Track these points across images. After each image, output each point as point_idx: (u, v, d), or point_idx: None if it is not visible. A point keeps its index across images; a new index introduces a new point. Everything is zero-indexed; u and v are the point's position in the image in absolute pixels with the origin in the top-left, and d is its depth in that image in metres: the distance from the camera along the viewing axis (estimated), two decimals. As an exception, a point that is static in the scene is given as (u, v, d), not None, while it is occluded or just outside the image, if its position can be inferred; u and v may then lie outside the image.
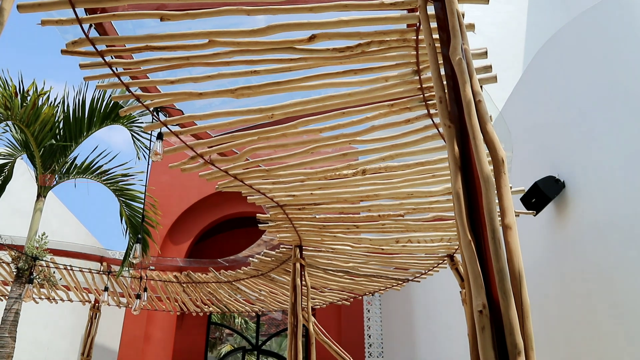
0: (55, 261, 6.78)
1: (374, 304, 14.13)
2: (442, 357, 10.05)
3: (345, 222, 4.67)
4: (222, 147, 3.74)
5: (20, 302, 5.59)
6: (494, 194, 1.84)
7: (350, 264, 5.66)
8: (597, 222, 5.22)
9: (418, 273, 6.10)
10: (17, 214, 9.30)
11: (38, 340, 10.53)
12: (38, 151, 5.74)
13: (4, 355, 5.34)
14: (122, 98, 3.62)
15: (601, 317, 5.01)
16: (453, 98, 2.22)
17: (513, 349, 1.65)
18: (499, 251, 1.73)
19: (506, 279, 1.70)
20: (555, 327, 5.68)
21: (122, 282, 7.72)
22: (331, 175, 3.95)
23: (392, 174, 3.97)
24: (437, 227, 4.84)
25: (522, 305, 1.71)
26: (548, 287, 5.85)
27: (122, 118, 5.86)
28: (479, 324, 1.71)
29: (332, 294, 7.07)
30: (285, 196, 4.25)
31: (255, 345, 14.91)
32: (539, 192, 5.93)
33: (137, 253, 4.53)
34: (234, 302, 7.94)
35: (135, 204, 6.23)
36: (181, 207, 11.82)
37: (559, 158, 6.04)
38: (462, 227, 1.85)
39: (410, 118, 3.52)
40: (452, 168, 1.99)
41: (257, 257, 5.75)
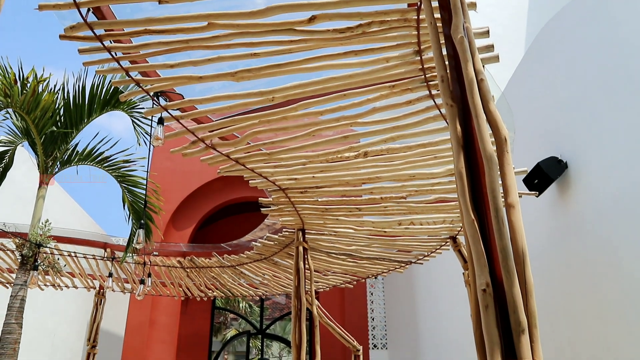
0: (59, 248, 6.81)
1: (377, 287, 14.21)
2: (445, 338, 10.12)
3: (347, 205, 4.67)
4: (223, 131, 3.73)
5: (26, 289, 5.63)
6: (497, 173, 1.83)
7: (353, 247, 5.68)
8: (599, 202, 5.21)
9: (421, 255, 6.12)
10: (20, 203, 9.33)
11: (44, 326, 10.63)
12: (39, 138, 5.73)
13: (11, 341, 5.39)
14: (122, 83, 3.60)
15: (605, 296, 5.03)
16: (455, 77, 2.20)
17: (517, 326, 1.65)
18: (502, 230, 1.73)
19: (509, 257, 1.70)
20: (558, 307, 5.70)
21: (126, 268, 7.76)
22: (333, 158, 3.94)
23: (394, 156, 3.95)
24: (440, 209, 4.83)
25: (525, 283, 1.72)
26: (551, 267, 5.86)
27: (122, 104, 5.84)
28: (482, 303, 1.71)
29: (335, 277, 7.10)
30: (287, 180, 4.24)
31: (259, 329, 15.03)
32: (541, 173, 5.92)
33: (140, 238, 4.54)
34: (237, 287, 7.98)
35: (138, 190, 6.24)
36: (183, 193, 11.84)
37: (562, 139, 6.02)
38: (465, 206, 1.85)
39: (411, 99, 3.50)
40: (455, 147, 1.98)
41: (260, 241, 5.76)
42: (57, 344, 11.24)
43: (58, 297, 10.70)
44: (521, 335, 1.64)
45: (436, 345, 10.74)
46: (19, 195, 9.48)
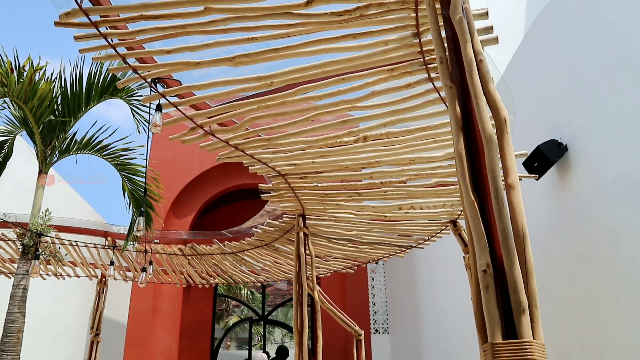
0: (60, 237, 6.82)
1: (378, 272, 14.27)
2: (446, 322, 10.18)
3: (347, 190, 4.67)
4: (222, 117, 3.72)
5: (28, 278, 5.65)
6: (497, 154, 1.82)
7: (354, 232, 5.68)
8: (599, 185, 5.21)
9: (421, 239, 6.13)
10: (20, 193, 9.34)
11: (47, 316, 10.70)
12: (37, 127, 5.71)
13: (15, 330, 5.42)
14: (119, 70, 3.57)
15: (604, 278, 5.04)
16: (454, 59, 2.18)
17: (517, 307, 1.66)
18: (502, 210, 1.72)
19: (510, 238, 1.70)
20: (557, 289, 5.73)
21: (128, 256, 7.78)
22: (332, 142, 3.93)
23: (394, 140, 3.94)
24: (440, 193, 4.83)
25: (526, 264, 1.72)
26: (551, 250, 5.88)
27: (120, 92, 5.81)
28: (483, 283, 1.72)
29: (336, 262, 7.12)
30: (286, 165, 4.23)
31: (261, 316, 15.12)
32: (541, 156, 5.91)
33: (141, 226, 4.54)
34: (239, 273, 8.01)
35: (137, 178, 6.24)
36: (183, 181, 11.85)
37: (562, 121, 6.00)
38: (464, 188, 1.84)
39: (410, 82, 3.48)
40: (454, 129, 1.97)
41: (261, 227, 5.76)
42: (60, 332, 11.32)
43: (61, 287, 10.75)
44: (522, 315, 1.65)
45: (437, 328, 10.82)
46: (18, 185, 9.48)
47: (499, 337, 1.66)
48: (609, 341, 4.92)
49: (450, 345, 9.93)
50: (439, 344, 10.67)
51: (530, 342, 1.63)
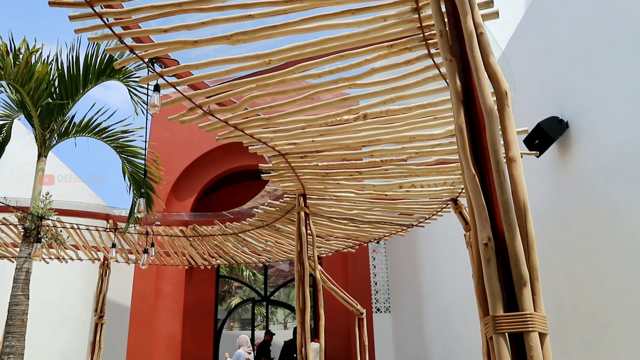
0: (61, 220, 6.83)
1: (379, 252, 14.32)
2: (447, 300, 10.25)
3: (348, 169, 4.65)
4: (220, 96, 3.69)
5: (30, 261, 5.67)
6: (498, 127, 1.81)
7: (355, 211, 5.68)
8: (600, 161, 5.20)
9: (422, 218, 6.13)
10: (20, 178, 9.34)
11: (52, 299, 10.78)
12: (35, 110, 5.68)
13: (19, 312, 5.46)
14: (116, 50, 3.54)
15: (605, 254, 5.05)
16: (454, 32, 2.15)
17: (519, 279, 1.66)
18: (503, 184, 1.71)
19: (511, 211, 1.69)
20: (558, 265, 5.75)
21: (129, 238, 7.81)
22: (332, 121, 3.90)
23: (394, 118, 3.92)
24: (440, 171, 4.81)
25: (527, 237, 1.71)
26: (551, 227, 5.88)
27: (118, 73, 5.76)
28: (484, 257, 1.72)
29: (337, 242, 7.14)
30: (286, 144, 4.21)
31: (264, 297, 15.23)
32: (542, 133, 5.88)
33: (142, 207, 4.54)
34: (240, 254, 8.04)
35: (137, 161, 6.22)
36: (183, 164, 11.83)
37: (563, 98, 5.96)
38: (465, 161, 1.83)
39: (410, 59, 3.44)
40: (455, 102, 1.95)
41: (262, 207, 5.77)
42: (65, 315, 11.42)
43: (64, 271, 10.82)
44: (523, 288, 1.65)
45: (438, 307, 10.90)
46: (18, 170, 9.48)
47: (501, 309, 1.66)
48: (608, 315, 4.96)
49: (452, 323, 10.02)
50: (440, 322, 10.76)
51: (531, 315, 1.63)
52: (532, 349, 1.59)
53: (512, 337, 1.67)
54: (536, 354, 1.58)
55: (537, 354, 1.58)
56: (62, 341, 11.29)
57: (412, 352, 12.78)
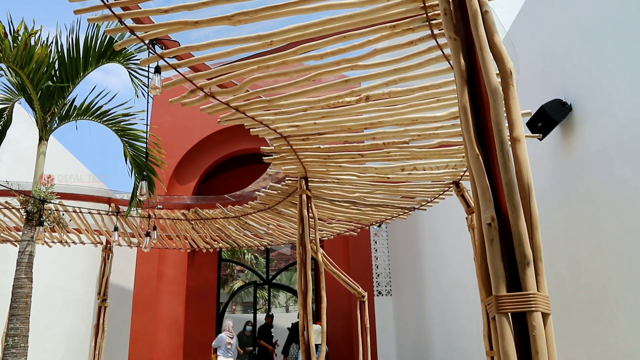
0: (64, 204, 6.84)
1: (381, 235, 14.36)
2: (449, 284, 10.29)
3: (350, 152, 4.64)
4: (222, 78, 3.66)
5: (33, 245, 5.69)
6: (502, 106, 1.79)
7: (356, 194, 5.67)
8: (604, 145, 5.17)
9: (424, 201, 6.12)
10: (22, 162, 9.34)
11: (56, 283, 10.85)
12: (35, 93, 5.66)
13: (23, 295, 5.49)
14: (116, 31, 3.50)
15: (607, 236, 5.06)
16: (458, 11, 2.12)
17: (522, 259, 1.65)
18: (507, 163, 1.70)
19: (515, 191, 1.68)
20: (560, 249, 5.75)
21: (132, 222, 7.82)
22: (334, 103, 3.88)
23: (396, 100, 3.89)
24: (443, 154, 4.79)
25: (531, 217, 1.70)
26: (553, 210, 5.88)
27: (118, 55, 5.72)
28: (487, 237, 1.71)
29: (339, 225, 7.15)
30: (288, 127, 4.19)
31: (266, 280, 15.30)
32: (545, 116, 5.85)
33: (144, 190, 4.54)
34: (242, 237, 8.06)
35: (139, 144, 6.21)
36: (185, 147, 11.82)
37: (567, 80, 5.92)
38: (469, 141, 1.81)
39: (413, 40, 3.40)
40: (459, 82, 1.92)
41: (264, 190, 5.76)
42: (69, 298, 11.50)
43: (67, 255, 10.87)
44: (526, 268, 1.64)
45: (440, 290, 10.94)
46: (20, 154, 9.47)
47: (504, 289, 1.66)
48: (609, 297, 4.97)
49: (453, 307, 10.07)
50: (441, 305, 10.82)
51: (534, 295, 1.63)
52: (535, 328, 1.59)
53: (515, 317, 1.67)
54: (539, 334, 1.58)
55: (539, 334, 1.59)
56: (66, 324, 11.39)
57: (413, 335, 12.87)
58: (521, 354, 1.62)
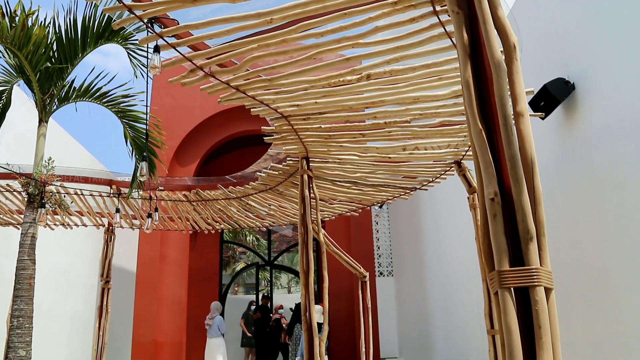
0: (65, 186, 6.84)
1: (382, 216, 14.39)
2: (449, 263, 10.34)
3: (351, 131, 4.61)
4: (221, 57, 3.62)
5: (36, 227, 5.70)
6: (506, 81, 1.77)
7: (358, 174, 5.66)
8: (607, 124, 5.15)
9: (425, 181, 6.11)
10: (22, 146, 9.33)
11: (59, 266, 10.91)
12: (34, 75, 5.62)
13: (26, 276, 5.52)
14: (114, 10, 3.46)
15: (608, 215, 5.05)
16: (461, -16, 2.08)
17: (525, 234, 1.64)
18: (510, 138, 1.68)
19: (518, 166, 1.67)
20: (562, 228, 5.76)
21: (133, 204, 7.83)
22: (335, 82, 3.84)
23: (398, 78, 3.85)
24: (444, 133, 4.77)
25: (534, 192, 1.69)
26: (555, 189, 5.87)
27: (116, 36, 5.67)
28: (490, 212, 1.70)
29: (340, 205, 7.15)
30: (289, 106, 4.16)
31: (267, 261, 15.37)
32: (548, 95, 5.81)
33: (144, 171, 4.53)
34: (244, 219, 8.07)
35: (139, 125, 6.18)
36: (185, 129, 11.78)
37: (569, 59, 5.87)
38: (472, 116, 1.79)
39: (415, 17, 3.36)
40: (461, 56, 1.90)
41: (265, 171, 5.75)
42: (72, 281, 11.58)
43: (70, 237, 10.92)
44: (529, 243, 1.64)
45: (441, 270, 10.99)
46: (20, 138, 9.46)
47: (506, 264, 1.65)
48: (610, 275, 4.99)
49: (454, 286, 10.12)
50: (442, 285, 10.88)
51: (537, 269, 1.63)
52: (538, 303, 1.59)
53: (518, 292, 1.67)
54: (541, 308, 1.58)
55: (542, 308, 1.59)
56: (70, 306, 11.48)
57: (414, 315, 12.97)
58: (523, 329, 1.63)
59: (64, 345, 11.19)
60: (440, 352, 11.15)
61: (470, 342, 9.19)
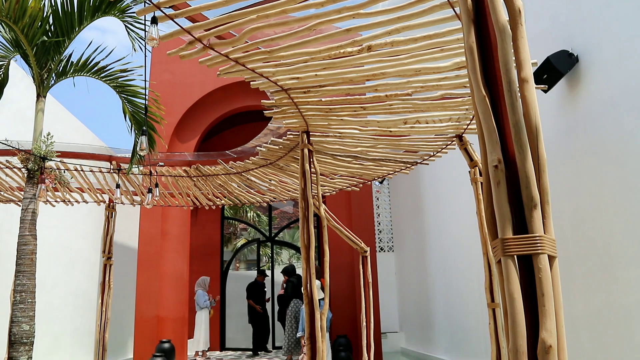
0: (64, 162, 6.82)
1: (382, 192, 14.40)
2: (450, 238, 10.36)
3: (351, 104, 4.57)
4: (220, 29, 3.56)
5: (36, 202, 5.70)
6: (510, 46, 1.73)
7: (359, 148, 5.63)
8: (611, 97, 5.09)
9: (427, 155, 6.08)
10: (21, 123, 9.29)
11: (61, 242, 10.97)
12: (31, 49, 5.55)
13: (28, 252, 5.54)
14: (109, -20, 3.40)
15: (610, 189, 5.04)
16: (465, -52, 2.02)
17: (529, 202, 1.62)
18: (515, 104, 1.65)
19: (522, 132, 1.64)
20: (563, 203, 5.75)
21: (134, 180, 7.82)
22: (335, 54, 3.79)
23: (399, 50, 3.79)
24: (446, 106, 4.72)
25: (538, 159, 1.67)
26: (558, 163, 5.85)
27: (113, 9, 5.58)
28: (494, 179, 1.68)
29: (341, 180, 7.13)
30: (289, 79, 4.11)
31: (269, 237, 15.43)
32: (551, 67, 5.75)
33: (144, 145, 4.50)
34: (245, 194, 8.06)
35: (138, 100, 6.13)
36: (185, 105, 11.70)
37: (573, 31, 5.78)
38: (475, 83, 1.76)
39: (417, -15, 3.29)
40: (465, 21, 1.85)
41: (265, 146, 5.71)
42: (74, 257, 11.64)
43: (71, 215, 10.95)
44: (533, 210, 1.62)
45: (441, 246, 11.03)
46: (19, 114, 9.41)
47: (510, 232, 1.64)
48: (611, 250, 4.99)
49: (455, 262, 10.17)
50: (443, 260, 10.93)
51: (541, 237, 1.61)
52: (541, 270, 1.57)
53: (521, 260, 1.66)
54: (545, 276, 1.57)
55: (545, 276, 1.57)
56: (73, 282, 11.57)
57: (415, 290, 13.06)
58: (526, 297, 1.62)
59: (68, 321, 11.31)
60: (440, 327, 11.26)
61: (470, 316, 9.27)
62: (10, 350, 5.29)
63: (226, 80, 11.51)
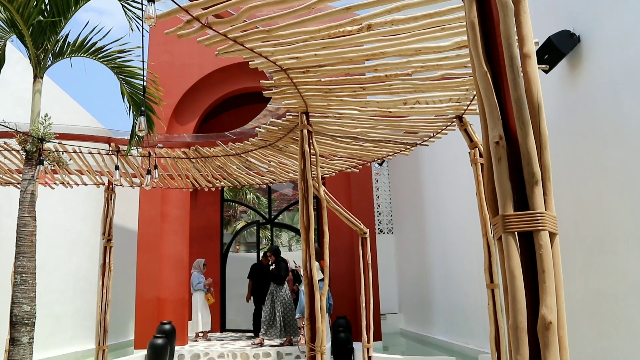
0: (63, 143, 6.79)
1: (382, 174, 14.39)
2: (449, 220, 10.39)
3: (351, 85, 4.53)
4: (218, 7, 3.51)
5: (35, 184, 5.68)
6: (512, 20, 1.70)
7: (358, 129, 5.60)
8: (612, 78, 5.06)
9: (426, 136, 6.05)
10: (19, 105, 9.24)
11: (60, 224, 10.99)
12: (27, 29, 5.49)
13: (27, 233, 5.54)
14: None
15: (610, 169, 5.03)
16: None
17: (530, 178, 1.61)
18: (517, 79, 1.63)
19: (524, 108, 1.62)
20: (563, 185, 5.74)
21: (133, 162, 7.79)
22: (335, 33, 3.74)
23: (399, 29, 3.75)
24: (446, 87, 4.69)
25: (540, 136, 1.65)
26: (558, 144, 5.83)
27: (110, -12, 5.50)
28: (495, 156, 1.66)
29: (340, 162, 7.11)
30: (288, 59, 4.07)
31: (268, 219, 15.45)
32: (552, 48, 5.70)
33: (142, 125, 4.47)
34: (244, 175, 8.04)
35: (135, 81, 6.08)
36: (184, 87, 11.62)
37: (575, 11, 5.73)
38: (477, 58, 1.73)
39: (417, -38, 3.24)
40: (467, -5, 1.82)
41: (264, 127, 5.68)
42: (74, 240, 11.68)
43: (71, 197, 10.96)
44: (534, 187, 1.61)
45: (440, 228, 11.06)
46: (17, 97, 9.36)
47: (511, 209, 1.63)
48: (610, 234, 5.00)
49: (453, 244, 10.20)
50: (442, 242, 10.96)
51: (542, 214, 1.60)
52: (542, 247, 1.57)
53: (521, 237, 1.65)
54: (546, 253, 1.57)
55: (546, 253, 1.57)
56: (73, 264, 11.62)
57: (414, 271, 13.12)
58: (527, 274, 1.61)
59: (69, 303, 11.38)
60: (439, 308, 11.34)
61: (469, 297, 9.33)
62: (12, 330, 5.32)
63: (225, 62, 11.42)
